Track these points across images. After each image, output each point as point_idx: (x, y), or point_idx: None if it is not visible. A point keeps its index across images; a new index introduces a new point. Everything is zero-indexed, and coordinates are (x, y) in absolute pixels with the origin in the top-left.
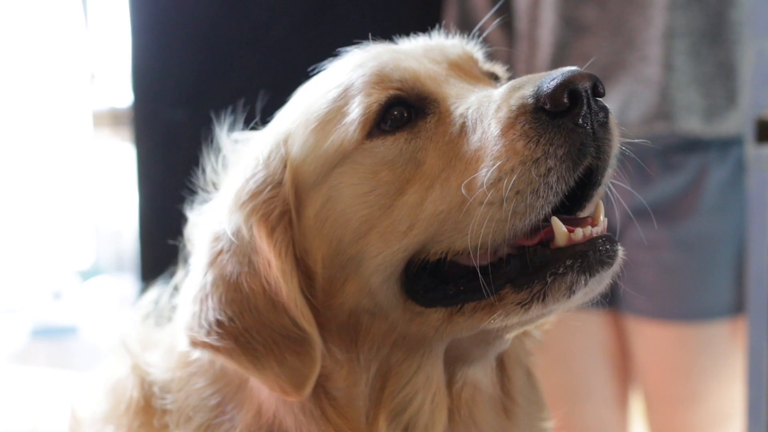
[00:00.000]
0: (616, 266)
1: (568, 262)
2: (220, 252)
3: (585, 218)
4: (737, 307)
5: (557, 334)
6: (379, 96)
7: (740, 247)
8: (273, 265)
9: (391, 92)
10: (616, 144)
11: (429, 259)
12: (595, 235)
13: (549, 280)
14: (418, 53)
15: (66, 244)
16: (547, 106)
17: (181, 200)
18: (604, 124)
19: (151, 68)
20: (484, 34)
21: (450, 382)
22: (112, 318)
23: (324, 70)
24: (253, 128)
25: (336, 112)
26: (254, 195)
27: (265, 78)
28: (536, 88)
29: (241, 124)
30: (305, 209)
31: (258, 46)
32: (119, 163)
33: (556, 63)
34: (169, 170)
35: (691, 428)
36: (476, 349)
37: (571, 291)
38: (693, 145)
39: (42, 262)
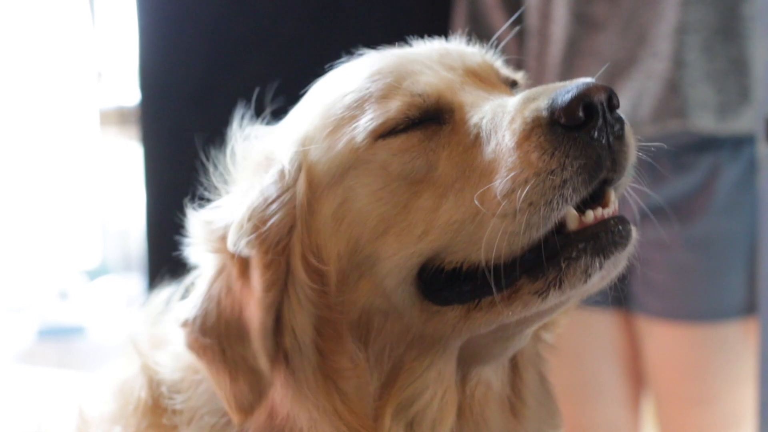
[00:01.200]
0: (630, 247)
1: (581, 245)
2: (221, 263)
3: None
4: (749, 307)
5: (568, 334)
6: (397, 114)
7: (753, 247)
8: (256, 298)
9: (406, 99)
10: (633, 155)
11: (444, 267)
12: (606, 216)
13: (563, 265)
14: (434, 59)
15: (72, 243)
16: (562, 120)
17: (189, 199)
18: (620, 137)
19: (158, 66)
20: (497, 34)
21: (464, 380)
22: (119, 318)
23: (340, 67)
24: (265, 123)
25: (351, 118)
26: (262, 212)
27: (273, 76)
28: (551, 101)
29: (251, 119)
30: (321, 208)
31: (266, 44)
32: (126, 161)
33: (567, 59)
34: (176, 169)
35: (703, 429)
36: (495, 346)
37: (587, 275)
38: (705, 144)
39: (48, 261)
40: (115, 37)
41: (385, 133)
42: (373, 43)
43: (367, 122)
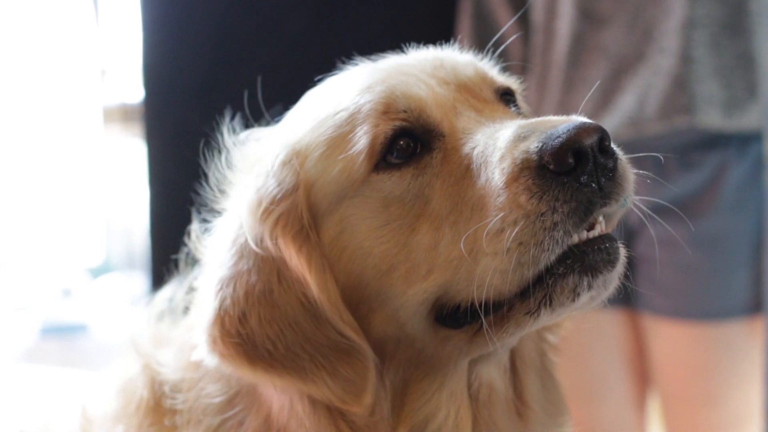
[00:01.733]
0: (619, 266)
1: (568, 261)
2: (243, 267)
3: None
4: (756, 306)
5: (573, 334)
6: (385, 127)
7: (759, 245)
8: (308, 278)
9: (397, 123)
10: (629, 188)
11: (455, 304)
12: (592, 237)
13: (549, 282)
14: (427, 72)
15: (76, 241)
16: (551, 166)
17: (193, 197)
18: (612, 177)
19: (162, 63)
20: (502, 30)
21: (468, 384)
22: (122, 316)
23: (334, 78)
24: (260, 125)
25: (343, 138)
26: (274, 204)
27: (277, 74)
28: (541, 145)
29: (249, 120)
30: (322, 235)
31: (270, 41)
32: (130, 159)
33: (572, 55)
34: (180, 166)
35: (709, 429)
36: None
37: (575, 293)
38: (712, 142)
39: (51, 259)
40: (118, 34)
41: (378, 162)
42: (377, 40)
43: (359, 146)
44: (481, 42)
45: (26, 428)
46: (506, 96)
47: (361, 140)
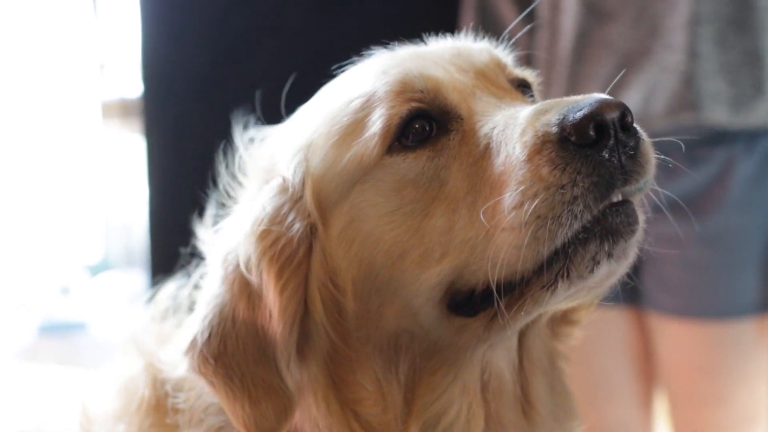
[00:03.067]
0: (638, 233)
1: (588, 226)
2: (226, 288)
3: None
4: (764, 304)
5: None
6: (401, 108)
7: (767, 243)
8: (274, 317)
9: (413, 105)
10: (650, 170)
11: (469, 289)
12: (611, 202)
13: (570, 250)
14: (446, 59)
15: (74, 238)
16: (573, 138)
17: (193, 193)
18: (633, 156)
19: (162, 57)
20: (507, 26)
21: (480, 375)
22: (121, 314)
23: (348, 70)
24: (270, 122)
25: (357, 124)
26: (270, 226)
27: (278, 68)
28: (562, 117)
29: (255, 116)
30: (330, 228)
31: (271, 35)
32: (129, 155)
33: (578, 51)
34: (180, 162)
35: (717, 429)
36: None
37: (594, 262)
38: (719, 138)
39: (50, 256)
40: (117, 27)
41: (392, 143)
42: (379, 34)
43: (373, 129)
44: (484, 37)
45: (26, 427)
46: (522, 88)
47: (376, 123)
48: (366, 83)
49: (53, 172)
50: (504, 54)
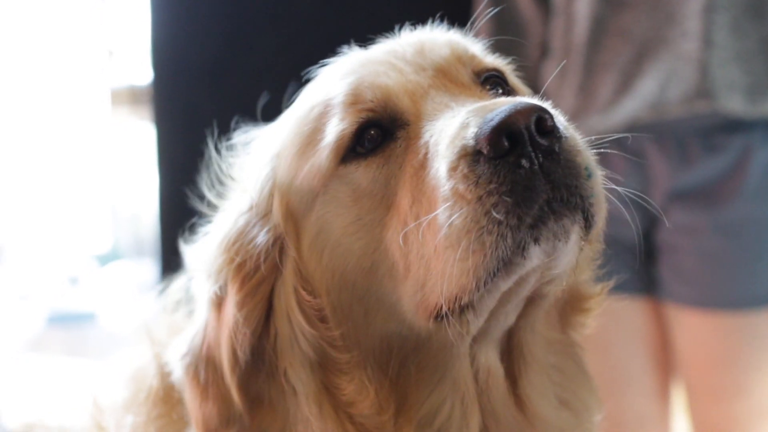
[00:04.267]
0: (576, 217)
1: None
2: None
3: None
4: None
5: (596, 324)
6: (352, 120)
7: None
8: (226, 331)
9: (364, 115)
10: (578, 167)
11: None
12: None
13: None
14: (408, 57)
15: (83, 227)
16: (485, 151)
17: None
18: (553, 157)
19: (171, 44)
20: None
21: (470, 367)
22: (130, 304)
23: (317, 75)
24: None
25: (315, 133)
26: (235, 242)
27: (288, 55)
28: (476, 130)
29: (269, 105)
30: (301, 239)
31: (282, 22)
32: (138, 143)
33: (593, 39)
34: (190, 150)
35: (734, 421)
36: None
37: (520, 248)
38: (736, 126)
39: (58, 246)
40: (126, 13)
41: (345, 154)
42: (390, 20)
43: (327, 139)
44: (499, 23)
45: (35, 418)
46: (493, 77)
47: (330, 135)
48: (325, 90)
49: (61, 160)
50: (471, 44)
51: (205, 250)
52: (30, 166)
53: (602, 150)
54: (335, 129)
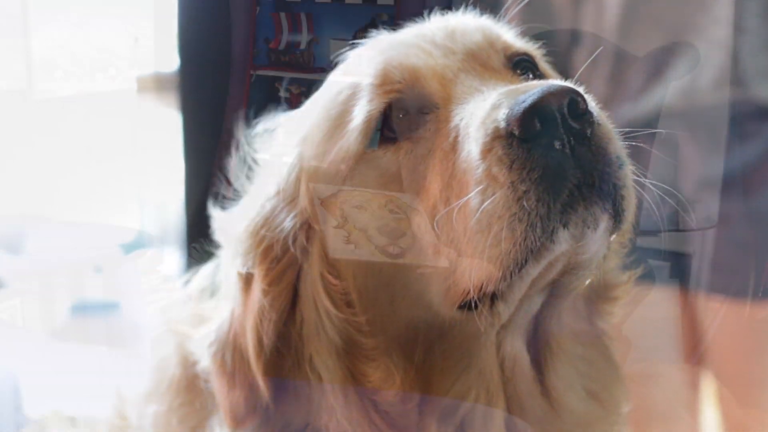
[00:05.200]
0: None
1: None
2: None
3: None
4: None
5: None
6: (380, 101)
7: None
8: (252, 317)
9: (392, 96)
10: (610, 154)
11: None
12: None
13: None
14: (437, 41)
15: (108, 215)
16: (517, 132)
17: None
18: (586, 142)
19: (199, 30)
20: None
21: (496, 354)
22: (156, 293)
23: (348, 57)
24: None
25: (343, 116)
26: (263, 227)
27: (316, 41)
28: (508, 112)
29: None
30: (328, 225)
31: None
32: (164, 130)
33: (624, 26)
34: (217, 138)
35: (765, 411)
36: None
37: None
38: (767, 113)
39: (83, 234)
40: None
41: (373, 135)
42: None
43: (355, 122)
44: (530, 10)
45: (60, 408)
46: (524, 62)
47: (357, 117)
48: (353, 73)
49: (86, 147)
50: (501, 29)
51: (232, 234)
52: (53, 154)
53: (633, 143)
54: (363, 110)
